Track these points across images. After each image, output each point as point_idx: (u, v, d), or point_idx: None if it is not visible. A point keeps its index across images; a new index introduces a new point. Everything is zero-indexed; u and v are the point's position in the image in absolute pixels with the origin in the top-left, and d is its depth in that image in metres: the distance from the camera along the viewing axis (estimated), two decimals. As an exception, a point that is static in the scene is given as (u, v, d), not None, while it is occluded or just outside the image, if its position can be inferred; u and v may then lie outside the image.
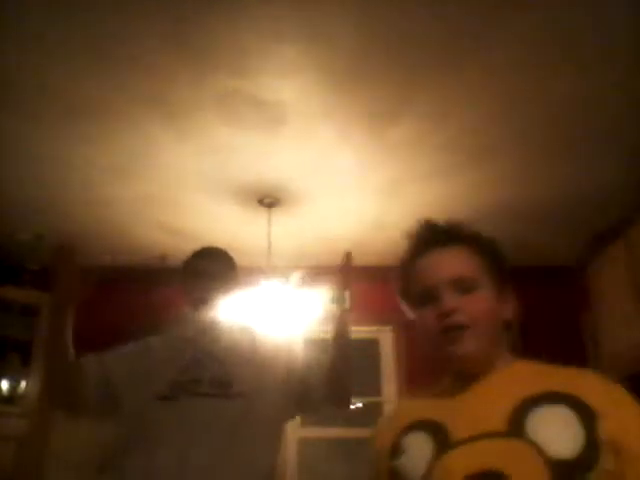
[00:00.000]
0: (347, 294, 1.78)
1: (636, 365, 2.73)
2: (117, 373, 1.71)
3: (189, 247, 1.93)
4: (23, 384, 3.40)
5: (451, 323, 0.96)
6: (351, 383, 1.79)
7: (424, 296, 1.01)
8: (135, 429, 1.63)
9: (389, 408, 3.67)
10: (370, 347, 3.87)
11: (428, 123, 2.49)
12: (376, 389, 3.78)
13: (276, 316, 2.95)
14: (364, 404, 3.84)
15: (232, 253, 2.20)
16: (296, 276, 2.70)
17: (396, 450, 0.98)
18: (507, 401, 0.90)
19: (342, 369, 1.74)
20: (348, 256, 1.73)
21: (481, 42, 2.05)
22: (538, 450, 0.82)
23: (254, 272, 3.09)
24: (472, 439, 0.88)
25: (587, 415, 0.85)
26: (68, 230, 3.45)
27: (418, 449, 0.94)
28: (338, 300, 1.78)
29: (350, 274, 1.75)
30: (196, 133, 2.56)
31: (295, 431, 3.63)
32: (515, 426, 0.86)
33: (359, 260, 1.90)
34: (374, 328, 3.81)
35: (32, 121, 2.46)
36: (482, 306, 0.98)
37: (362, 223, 3.37)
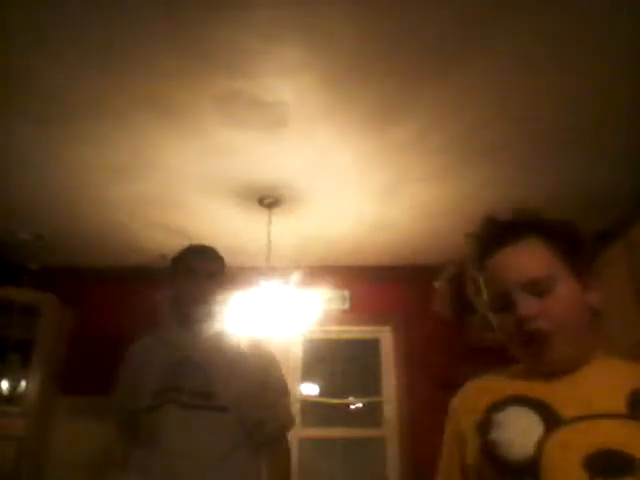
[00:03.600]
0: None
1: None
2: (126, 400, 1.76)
3: (189, 247, 1.93)
4: (23, 384, 3.41)
5: (533, 330, 0.88)
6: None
7: (498, 303, 0.93)
8: (132, 434, 1.67)
9: (389, 407, 3.67)
10: (370, 347, 3.87)
11: (428, 123, 2.49)
12: (376, 389, 3.78)
13: (276, 316, 2.95)
14: (364, 404, 3.84)
15: (232, 253, 2.20)
16: (295, 276, 2.70)
17: (487, 426, 0.89)
18: (618, 387, 0.85)
19: None
20: None
21: (481, 43, 2.04)
22: None
23: (254, 272, 3.09)
24: (589, 417, 0.82)
25: None
26: (68, 230, 3.46)
27: (519, 423, 0.86)
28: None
29: None
30: (196, 133, 2.56)
31: (295, 431, 3.63)
32: (635, 410, 0.81)
33: (359, 260, 1.92)
34: (374, 328, 3.81)
35: (32, 121, 2.46)
36: (564, 306, 0.89)
37: (362, 223, 3.37)
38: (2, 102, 2.36)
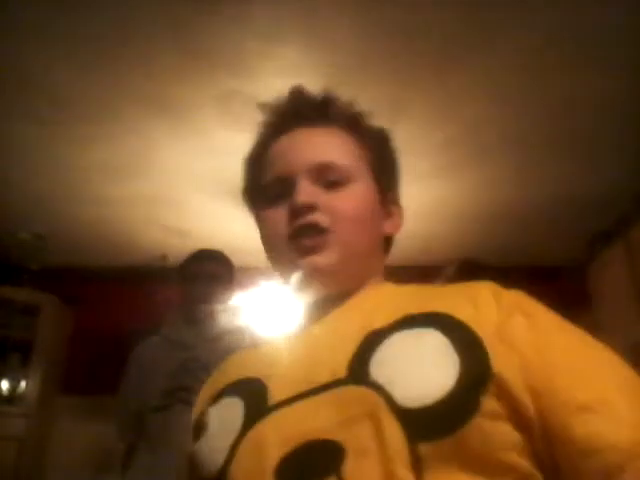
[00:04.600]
0: None
1: (636, 365, 2.73)
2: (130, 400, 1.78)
3: (189, 247, 1.94)
4: (23, 384, 3.40)
5: (305, 222, 0.66)
6: None
7: (274, 190, 0.71)
8: (140, 434, 1.68)
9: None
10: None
11: (428, 123, 2.49)
12: (376, 389, 3.78)
13: (276, 317, 2.95)
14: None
15: (232, 253, 2.20)
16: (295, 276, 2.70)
17: (198, 430, 0.65)
18: (354, 337, 0.59)
19: None
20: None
21: (481, 42, 2.05)
22: (385, 397, 0.50)
23: (254, 272, 3.09)
24: (296, 398, 0.56)
25: (466, 340, 0.54)
26: (68, 230, 3.46)
27: (224, 423, 0.60)
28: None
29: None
30: (196, 133, 2.56)
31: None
32: (357, 369, 0.55)
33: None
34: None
35: (32, 121, 2.46)
36: (352, 205, 0.69)
37: (362, 223, 3.37)
38: (2, 102, 2.36)
